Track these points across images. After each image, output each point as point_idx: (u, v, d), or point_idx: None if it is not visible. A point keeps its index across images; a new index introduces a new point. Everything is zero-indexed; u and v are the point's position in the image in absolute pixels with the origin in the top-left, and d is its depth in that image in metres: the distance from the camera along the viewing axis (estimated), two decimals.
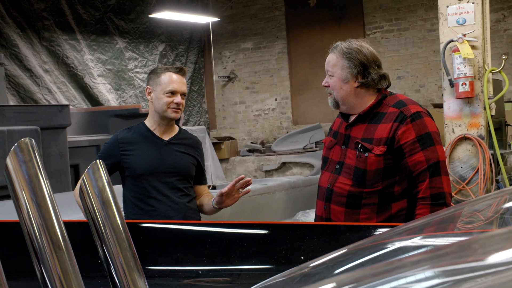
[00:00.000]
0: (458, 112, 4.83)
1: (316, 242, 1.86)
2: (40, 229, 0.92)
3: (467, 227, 1.41)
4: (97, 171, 1.07)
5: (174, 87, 3.03)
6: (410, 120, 2.53)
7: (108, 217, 1.05)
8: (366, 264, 1.13)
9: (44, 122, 6.34)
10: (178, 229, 2.10)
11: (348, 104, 2.65)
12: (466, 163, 4.82)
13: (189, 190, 3.11)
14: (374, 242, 1.36)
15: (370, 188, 2.55)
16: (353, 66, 2.59)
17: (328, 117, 11.08)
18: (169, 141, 3.10)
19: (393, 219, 2.55)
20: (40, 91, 9.55)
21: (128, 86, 10.98)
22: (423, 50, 10.48)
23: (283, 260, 1.80)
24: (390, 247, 1.26)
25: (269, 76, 11.98)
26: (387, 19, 10.78)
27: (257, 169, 11.00)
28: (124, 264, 1.03)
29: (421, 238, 1.31)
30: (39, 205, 0.93)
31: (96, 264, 1.65)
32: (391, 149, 2.53)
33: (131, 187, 3.06)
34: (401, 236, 1.32)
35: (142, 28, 11.32)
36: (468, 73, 4.66)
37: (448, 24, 4.78)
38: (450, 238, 1.30)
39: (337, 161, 2.66)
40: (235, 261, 1.84)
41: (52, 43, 9.84)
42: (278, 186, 5.76)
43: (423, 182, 2.50)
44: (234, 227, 2.01)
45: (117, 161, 3.06)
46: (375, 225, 2.06)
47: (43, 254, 0.92)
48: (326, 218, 2.66)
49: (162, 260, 1.86)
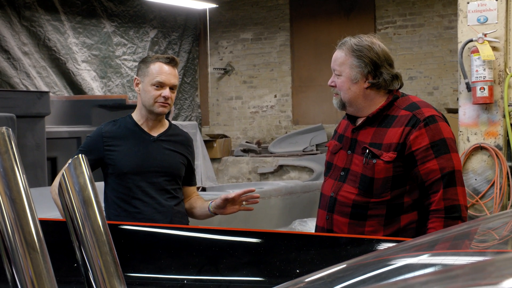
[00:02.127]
0: (474, 119, 4.84)
1: (314, 255, 1.86)
2: (14, 228, 0.92)
3: (480, 246, 1.41)
4: (79, 167, 1.07)
5: (162, 79, 3.01)
6: (423, 124, 2.51)
7: (88, 217, 1.05)
8: (368, 282, 1.13)
9: (20, 110, 6.32)
10: (163, 234, 2.09)
11: (356, 106, 2.64)
12: (481, 175, 4.83)
13: (177, 192, 3.10)
14: (378, 257, 1.36)
15: (377, 198, 2.53)
16: (364, 65, 2.57)
17: (331, 118, 11.09)
18: (158, 137, 3.09)
19: (401, 232, 2.53)
20: (18, 75, 9.52)
21: (114, 74, 10.96)
22: (438, 49, 10.50)
23: (276, 272, 1.81)
24: (395, 265, 1.26)
25: (269, 70, 11.98)
26: (400, 13, 10.79)
27: (252, 171, 11.00)
28: (104, 269, 1.03)
29: (429, 256, 1.31)
30: (14, 201, 0.93)
31: (73, 268, 1.65)
32: (401, 155, 2.51)
33: (114, 186, 3.05)
34: (408, 253, 1.32)
35: (132, 11, 11.31)
36: (488, 77, 4.67)
37: (468, 22, 4.79)
38: (461, 257, 1.29)
39: (342, 167, 2.65)
40: (225, 272, 1.84)
41: (33, 23, 9.82)
42: (274, 191, 5.75)
43: (436, 193, 2.48)
44: (224, 234, 2.01)
45: (100, 157, 3.04)
46: (380, 239, 2.06)
47: (16, 255, 0.92)
48: (328, 229, 2.64)
49: (145, 267, 1.86)
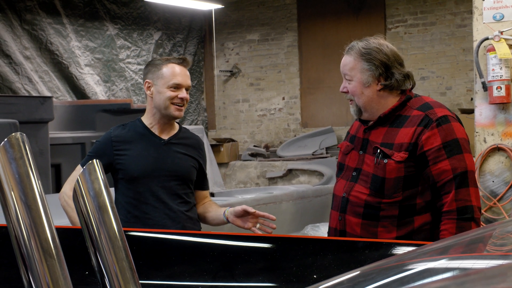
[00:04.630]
0: (491, 119, 4.83)
1: (331, 259, 1.87)
2: (30, 234, 0.93)
3: (501, 250, 1.41)
4: (94, 172, 1.08)
5: (178, 80, 3.03)
6: (436, 124, 2.54)
7: (104, 223, 1.05)
8: (389, 287, 1.13)
9: (23, 115, 6.34)
10: (176, 240, 2.10)
11: (370, 110, 2.67)
12: (499, 177, 4.82)
13: (189, 197, 3.10)
14: (398, 262, 1.36)
15: (389, 198, 2.57)
16: (374, 68, 2.61)
17: (341, 120, 11.08)
18: (169, 140, 3.10)
19: (415, 234, 2.56)
20: (20, 80, 9.55)
21: (118, 78, 10.99)
22: (451, 48, 10.48)
23: (293, 278, 1.81)
24: (417, 269, 1.26)
25: (277, 72, 11.99)
26: (411, 11, 10.79)
27: (260, 175, 11.00)
28: (120, 275, 1.04)
29: (454, 260, 1.31)
30: (30, 208, 0.94)
31: (83, 276, 1.65)
32: (413, 155, 2.54)
33: (124, 191, 3.05)
34: (430, 256, 1.32)
35: (136, 13, 11.33)
36: (505, 76, 4.66)
37: (484, 19, 4.79)
38: (485, 261, 1.30)
39: (354, 167, 2.68)
40: (240, 278, 1.85)
41: (35, 27, 9.85)
42: (285, 196, 5.76)
43: (448, 194, 2.50)
44: (238, 239, 2.02)
45: (109, 162, 3.04)
46: (397, 243, 2.06)
47: (32, 261, 0.92)
48: (341, 231, 2.67)
49: (158, 274, 1.86)
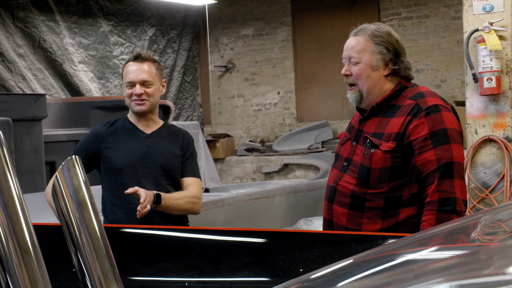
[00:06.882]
0: (482, 111, 4.84)
1: (317, 253, 1.87)
2: (6, 232, 0.93)
3: (486, 239, 1.42)
4: (73, 168, 1.07)
5: (130, 78, 3.14)
6: (425, 113, 2.50)
7: (83, 220, 1.05)
8: (371, 277, 1.14)
9: (17, 113, 6.32)
10: (163, 236, 2.11)
11: (371, 97, 2.63)
12: (490, 169, 4.83)
13: (174, 187, 3.15)
14: (380, 253, 1.37)
15: (374, 189, 2.54)
16: (386, 52, 2.60)
17: (336, 114, 11.08)
18: (151, 134, 3.20)
19: (400, 226, 2.53)
20: (13, 78, 9.54)
21: (112, 75, 10.97)
22: (445, 40, 10.48)
23: (279, 272, 1.82)
24: (399, 259, 1.27)
25: (272, 66, 11.98)
26: (405, 4, 10.78)
27: (256, 170, 11.00)
28: (101, 274, 1.04)
29: (437, 250, 1.32)
30: (6, 205, 0.94)
31: (70, 273, 1.66)
32: (400, 145, 2.51)
33: (109, 184, 3.15)
34: (412, 248, 1.33)
35: (129, 9, 11.32)
36: (495, 67, 4.67)
37: (473, 11, 4.79)
38: (468, 251, 1.31)
39: (345, 157, 2.68)
40: (227, 273, 1.85)
41: (28, 24, 9.83)
42: (278, 190, 5.76)
43: (431, 185, 2.46)
44: (226, 234, 2.02)
45: (95, 153, 3.15)
46: (384, 235, 2.07)
47: (9, 260, 0.92)
48: (329, 220, 2.68)
49: (145, 270, 1.87)
